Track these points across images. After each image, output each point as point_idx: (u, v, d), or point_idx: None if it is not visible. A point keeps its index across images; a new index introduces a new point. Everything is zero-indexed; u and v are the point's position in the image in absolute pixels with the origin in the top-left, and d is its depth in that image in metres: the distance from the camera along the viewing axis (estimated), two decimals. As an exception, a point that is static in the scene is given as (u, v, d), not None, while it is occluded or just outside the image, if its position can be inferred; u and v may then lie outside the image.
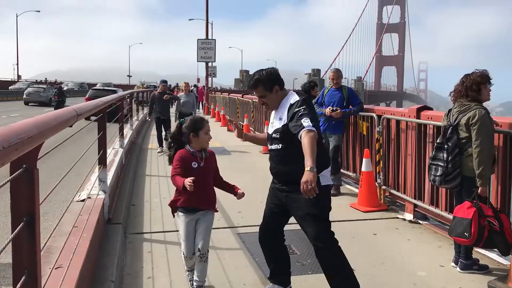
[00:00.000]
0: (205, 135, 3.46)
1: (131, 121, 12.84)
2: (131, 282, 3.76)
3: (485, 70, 3.98)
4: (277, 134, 3.30)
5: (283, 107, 3.31)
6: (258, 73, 3.36)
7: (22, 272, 1.59)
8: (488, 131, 3.79)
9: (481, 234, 3.68)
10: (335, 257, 3.21)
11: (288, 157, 3.26)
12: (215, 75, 36.37)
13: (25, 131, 1.27)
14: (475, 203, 3.75)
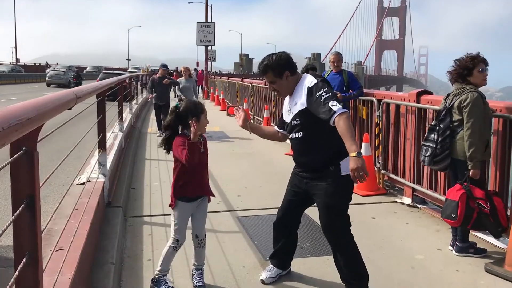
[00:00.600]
0: (205, 119, 3.33)
1: (131, 105, 12.81)
2: (132, 265, 3.79)
3: (478, 54, 3.94)
4: (297, 120, 3.16)
5: (299, 91, 3.16)
6: (268, 58, 3.21)
7: (23, 254, 1.61)
8: (480, 114, 3.78)
9: (469, 216, 3.75)
10: (347, 253, 3.19)
11: (310, 145, 3.16)
12: (215, 59, 36.21)
13: (24, 112, 1.26)
14: (465, 185, 3.80)
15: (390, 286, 3.44)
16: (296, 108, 3.15)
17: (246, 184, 6.57)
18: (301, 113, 3.11)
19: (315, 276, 3.60)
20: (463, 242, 4.05)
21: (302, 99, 3.11)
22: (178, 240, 3.31)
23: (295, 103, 3.18)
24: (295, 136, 3.22)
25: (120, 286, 3.40)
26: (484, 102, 3.84)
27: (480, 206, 3.75)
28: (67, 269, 2.54)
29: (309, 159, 3.19)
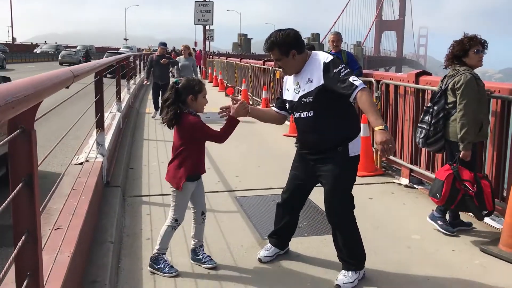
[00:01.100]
0: (203, 98, 3.29)
1: (128, 85, 12.75)
2: (131, 244, 3.83)
3: (475, 35, 3.91)
4: (309, 98, 3.03)
5: (310, 68, 3.06)
6: (275, 35, 3.09)
7: (22, 232, 1.62)
8: (473, 95, 3.77)
9: (453, 197, 3.82)
10: (348, 234, 3.22)
11: (320, 125, 3.07)
12: (213, 38, 35.90)
13: (21, 90, 1.26)
14: (454, 166, 3.85)
15: (386, 265, 3.49)
16: (310, 86, 3.03)
17: (244, 165, 6.59)
18: (316, 91, 3.00)
19: (312, 255, 3.64)
20: (438, 213, 4.15)
21: (317, 75, 3.01)
22: (177, 219, 3.33)
23: (307, 81, 3.06)
24: (305, 115, 3.10)
25: (119, 265, 3.43)
26: (478, 84, 3.82)
27: (466, 188, 3.79)
28: (66, 247, 2.56)
29: (318, 139, 3.11)
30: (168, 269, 3.28)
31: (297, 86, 3.14)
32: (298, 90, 3.13)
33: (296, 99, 3.14)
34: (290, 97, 3.21)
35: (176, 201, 3.30)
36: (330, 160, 3.09)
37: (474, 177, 3.81)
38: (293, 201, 3.48)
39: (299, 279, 3.27)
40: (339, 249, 3.27)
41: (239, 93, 15.52)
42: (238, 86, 16.42)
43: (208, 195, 5.01)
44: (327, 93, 2.99)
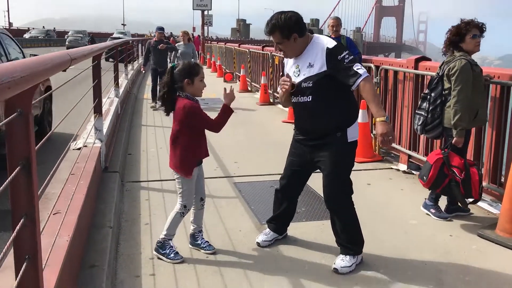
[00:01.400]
0: (200, 82, 3.23)
1: (126, 70, 12.68)
2: (129, 229, 3.84)
3: (472, 20, 3.88)
4: (309, 82, 3.00)
5: (312, 53, 3.02)
6: (276, 17, 3.02)
7: (21, 216, 1.62)
8: (467, 81, 3.75)
9: (439, 181, 3.86)
10: (347, 219, 3.23)
11: (319, 110, 3.03)
12: (211, 24, 35.65)
13: (18, 70, 1.25)
14: (444, 151, 3.87)
15: (383, 250, 3.51)
16: (311, 70, 3.00)
17: (243, 151, 6.59)
18: (318, 76, 2.97)
19: (310, 240, 3.66)
20: (430, 201, 4.18)
21: (319, 60, 2.97)
22: (186, 206, 3.31)
23: (308, 65, 3.01)
24: (303, 99, 3.07)
25: (118, 249, 3.45)
26: (474, 70, 3.79)
27: (454, 174, 3.82)
28: (65, 231, 2.57)
29: (317, 124, 3.09)
30: (173, 255, 3.28)
31: (296, 69, 3.10)
32: (297, 73, 3.09)
33: (295, 83, 3.11)
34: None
35: (183, 188, 3.28)
36: (329, 146, 3.08)
37: (464, 164, 3.82)
38: (291, 187, 3.48)
39: (296, 264, 3.29)
40: (337, 234, 3.28)
41: (237, 79, 15.46)
42: (236, 72, 16.34)
43: (207, 181, 5.00)
44: (328, 79, 2.96)
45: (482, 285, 3.05)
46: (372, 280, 3.09)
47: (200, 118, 3.19)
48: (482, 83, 3.94)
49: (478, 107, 3.87)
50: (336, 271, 3.14)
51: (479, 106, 3.89)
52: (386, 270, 3.20)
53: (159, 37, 10.59)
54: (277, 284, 3.00)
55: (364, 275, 3.15)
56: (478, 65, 3.89)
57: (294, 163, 3.36)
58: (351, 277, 3.11)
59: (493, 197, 4.53)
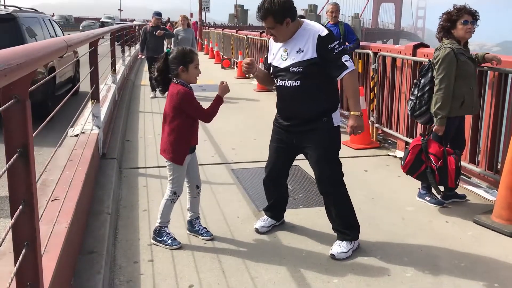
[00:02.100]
0: (194, 69, 3.19)
1: (123, 56, 12.61)
2: (127, 215, 3.85)
3: (464, 6, 3.85)
4: (298, 67, 3.00)
5: (302, 38, 3.02)
6: (269, 2, 2.99)
7: (19, 202, 1.62)
8: (450, 70, 3.74)
9: (415, 167, 3.95)
10: (341, 203, 3.27)
11: (306, 95, 3.05)
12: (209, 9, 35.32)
13: (14, 58, 1.24)
14: (423, 138, 3.93)
15: (380, 236, 3.53)
16: (301, 56, 3.00)
17: (240, 137, 6.59)
18: (308, 63, 2.98)
19: (307, 226, 3.68)
20: (423, 189, 4.21)
21: (310, 47, 2.98)
22: (175, 192, 3.32)
23: (297, 50, 3.02)
24: (290, 83, 3.06)
25: (116, 236, 3.47)
26: (458, 58, 3.76)
27: (430, 161, 3.85)
28: (63, 218, 2.58)
29: (303, 109, 3.09)
30: (171, 242, 3.30)
31: (284, 53, 3.08)
32: (285, 57, 3.07)
33: (282, 66, 3.09)
34: (275, 62, 3.16)
35: (173, 175, 3.28)
36: (316, 132, 3.12)
37: (443, 152, 3.84)
38: (278, 174, 3.50)
39: (294, 250, 3.32)
40: (333, 219, 3.31)
41: (235, 65, 15.40)
42: (234, 58, 16.26)
43: (204, 167, 5.03)
44: (317, 66, 3.00)
45: (477, 271, 3.08)
46: (368, 266, 3.12)
47: (193, 106, 3.17)
48: (470, 71, 3.86)
49: (464, 96, 3.83)
50: (333, 257, 3.17)
51: (465, 94, 3.84)
52: (382, 256, 3.23)
53: (156, 23, 10.09)
54: (275, 270, 3.03)
55: (361, 261, 3.18)
56: (465, 53, 3.84)
57: (279, 149, 3.36)
58: (348, 263, 3.14)
59: (489, 184, 4.56)
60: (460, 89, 3.81)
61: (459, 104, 3.84)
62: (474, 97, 3.93)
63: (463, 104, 3.85)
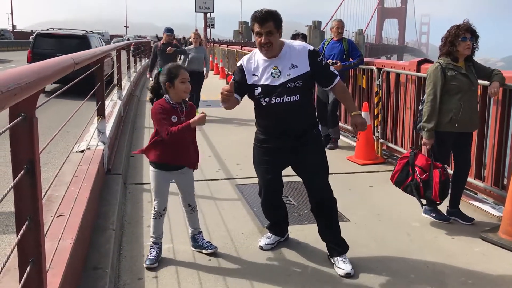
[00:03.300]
0: (180, 84, 3.11)
1: (129, 73, 12.71)
2: (132, 231, 3.85)
3: (465, 23, 3.86)
4: (298, 82, 3.06)
5: (292, 54, 3.09)
6: (267, 9, 3.05)
7: (25, 219, 1.63)
8: (435, 85, 3.82)
9: (402, 179, 4.00)
10: (336, 209, 3.35)
11: (304, 108, 3.15)
12: (214, 26, 35.69)
13: (23, 76, 1.26)
14: (411, 151, 4.00)
15: (386, 252, 3.51)
16: (297, 71, 3.06)
17: (245, 152, 6.56)
18: (304, 76, 3.07)
19: (312, 243, 3.65)
20: (428, 205, 4.17)
21: (303, 61, 3.08)
22: (155, 207, 3.30)
23: (290, 66, 3.07)
24: (290, 99, 3.06)
25: (120, 252, 3.46)
26: (446, 73, 3.80)
27: (415, 174, 3.88)
28: (68, 234, 2.58)
29: (301, 122, 3.17)
30: (148, 261, 3.22)
31: (275, 70, 3.08)
32: (277, 74, 3.07)
33: (276, 83, 3.07)
34: (264, 81, 3.10)
35: (151, 183, 3.31)
36: (310, 143, 3.20)
37: (430, 165, 3.86)
38: (276, 194, 3.50)
39: (299, 267, 3.29)
40: (331, 231, 3.32)
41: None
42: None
43: (209, 183, 5.03)
44: (310, 79, 3.14)
45: (484, 288, 3.04)
46: (374, 282, 3.09)
47: (157, 119, 3.11)
48: (460, 86, 3.81)
49: (452, 110, 3.82)
50: (349, 275, 3.13)
51: (454, 109, 3.82)
52: (388, 273, 3.20)
53: (167, 40, 9.47)
54: None
55: (367, 277, 3.15)
56: (458, 69, 3.82)
57: (270, 170, 3.34)
58: (354, 280, 3.11)
59: (495, 200, 4.52)
60: (447, 104, 3.85)
61: (448, 119, 3.85)
62: (467, 113, 3.85)
63: (452, 119, 3.84)
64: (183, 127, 3.06)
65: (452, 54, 3.86)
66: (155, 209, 3.31)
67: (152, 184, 3.30)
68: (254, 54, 3.23)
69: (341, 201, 4.36)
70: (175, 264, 3.29)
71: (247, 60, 3.20)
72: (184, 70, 3.19)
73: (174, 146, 3.16)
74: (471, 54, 3.91)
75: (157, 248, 3.32)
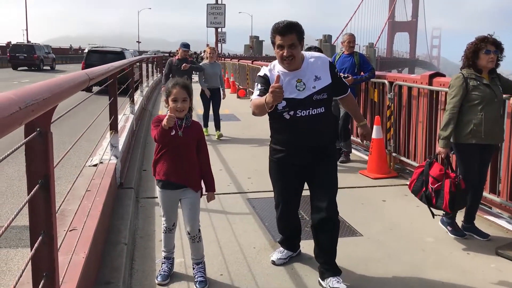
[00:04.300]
0: (171, 102, 3.00)
1: (141, 87, 12.83)
2: (144, 245, 3.85)
3: (488, 35, 3.81)
4: (323, 94, 3.05)
5: (314, 66, 3.06)
6: (289, 21, 2.96)
7: (39, 233, 1.64)
8: (456, 95, 3.79)
9: (418, 188, 3.96)
10: (338, 230, 3.23)
11: (328, 120, 3.16)
12: (225, 41, 36.01)
13: (40, 92, 1.28)
14: (427, 160, 3.97)
15: (400, 268, 3.46)
16: (321, 83, 3.05)
17: (256, 166, 6.58)
18: (328, 87, 3.07)
19: (325, 258, 3.61)
20: (446, 218, 4.12)
21: (325, 73, 3.08)
22: (164, 223, 3.28)
23: (314, 78, 3.03)
24: (316, 111, 3.04)
25: (132, 266, 3.45)
26: (469, 84, 3.76)
27: (428, 183, 3.85)
28: (81, 248, 2.59)
29: (326, 135, 3.16)
30: (160, 277, 3.21)
31: (300, 83, 3.02)
32: (302, 87, 3.02)
33: (301, 97, 3.01)
34: (289, 95, 2.98)
35: (160, 205, 3.29)
36: (328, 158, 3.18)
37: (443, 175, 3.81)
38: (292, 210, 3.44)
39: (312, 282, 3.26)
40: (328, 255, 3.18)
41: (250, 94, 15.54)
42: (250, 88, 16.44)
43: (220, 197, 5.02)
44: (332, 91, 3.14)
45: (501, 305, 2.98)
46: (388, 299, 3.04)
47: (152, 125, 3.09)
48: (483, 97, 3.75)
49: (473, 122, 3.76)
50: None
51: (474, 120, 3.76)
52: (402, 289, 3.15)
53: (183, 56, 8.92)
54: (292, 303, 2.97)
55: (380, 293, 3.10)
56: (480, 79, 3.76)
57: (289, 186, 3.29)
58: (367, 295, 3.07)
59: (511, 214, 4.46)
60: (468, 115, 3.78)
61: (468, 130, 3.78)
62: (489, 125, 3.76)
63: (472, 131, 3.78)
64: (159, 130, 2.97)
65: (474, 66, 3.82)
66: (164, 225, 3.30)
67: (159, 201, 3.28)
68: (273, 67, 3.14)
69: (354, 215, 4.32)
70: (186, 280, 3.27)
71: (269, 71, 3.13)
72: (181, 88, 3.02)
73: (171, 163, 3.11)
74: (495, 67, 3.84)
75: (168, 263, 3.31)
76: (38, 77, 22.15)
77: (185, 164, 3.11)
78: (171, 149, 3.09)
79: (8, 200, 5.26)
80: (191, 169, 3.14)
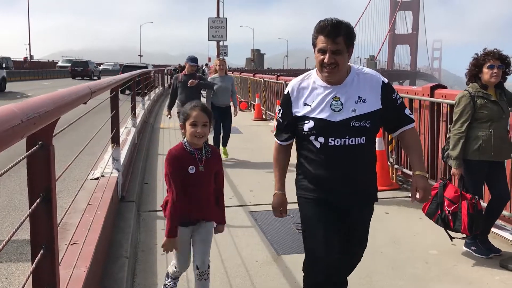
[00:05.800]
0: (190, 126, 2.63)
1: (143, 100, 12.88)
2: (145, 259, 3.82)
3: (493, 50, 3.75)
4: (365, 122, 2.31)
5: (360, 85, 2.35)
6: (338, 20, 2.26)
7: (40, 247, 1.63)
8: (462, 113, 3.72)
9: (433, 211, 3.86)
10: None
11: (369, 156, 2.44)
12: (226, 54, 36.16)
13: (42, 105, 1.28)
14: (441, 182, 3.87)
15: (404, 280, 3.43)
16: (365, 107, 2.32)
17: (258, 179, 6.58)
18: (374, 114, 2.33)
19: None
20: (469, 239, 3.97)
21: (373, 96, 2.35)
22: (175, 267, 2.93)
23: (358, 99, 2.32)
24: (355, 142, 2.32)
25: (134, 280, 3.43)
26: (476, 101, 3.69)
27: (444, 205, 3.77)
28: (82, 262, 2.57)
29: (366, 174, 2.45)
30: None
31: (336, 102, 2.32)
32: (339, 107, 2.31)
33: (336, 120, 2.31)
34: (320, 114, 2.33)
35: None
36: (367, 206, 2.53)
37: (459, 197, 3.71)
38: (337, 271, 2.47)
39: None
40: None
41: (252, 108, 15.58)
42: (251, 101, 16.50)
43: (222, 210, 5.00)
44: (380, 119, 2.39)
45: (507, 318, 2.94)
46: (392, 312, 3.01)
47: (167, 173, 2.66)
48: (491, 114, 3.69)
49: (481, 139, 3.70)
50: None
51: (483, 137, 3.70)
52: (406, 302, 3.12)
53: (190, 71, 7.81)
54: (295, 317, 2.93)
55: (384, 307, 3.07)
56: (487, 97, 3.70)
57: (331, 237, 2.40)
58: (370, 309, 3.04)
59: (515, 226, 4.43)
60: (476, 132, 3.71)
61: (476, 147, 3.72)
62: (497, 142, 3.70)
63: (480, 148, 3.72)
64: (168, 226, 2.69)
65: (479, 81, 3.76)
66: (175, 270, 2.95)
67: None
68: (308, 76, 2.44)
69: (357, 228, 4.27)
70: (188, 293, 3.25)
71: (299, 83, 2.44)
72: (202, 111, 2.66)
73: (188, 201, 2.72)
74: (501, 81, 3.78)
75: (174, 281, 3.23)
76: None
77: (203, 198, 2.76)
78: (189, 188, 2.69)
79: (10, 214, 5.25)
80: (208, 200, 2.80)
